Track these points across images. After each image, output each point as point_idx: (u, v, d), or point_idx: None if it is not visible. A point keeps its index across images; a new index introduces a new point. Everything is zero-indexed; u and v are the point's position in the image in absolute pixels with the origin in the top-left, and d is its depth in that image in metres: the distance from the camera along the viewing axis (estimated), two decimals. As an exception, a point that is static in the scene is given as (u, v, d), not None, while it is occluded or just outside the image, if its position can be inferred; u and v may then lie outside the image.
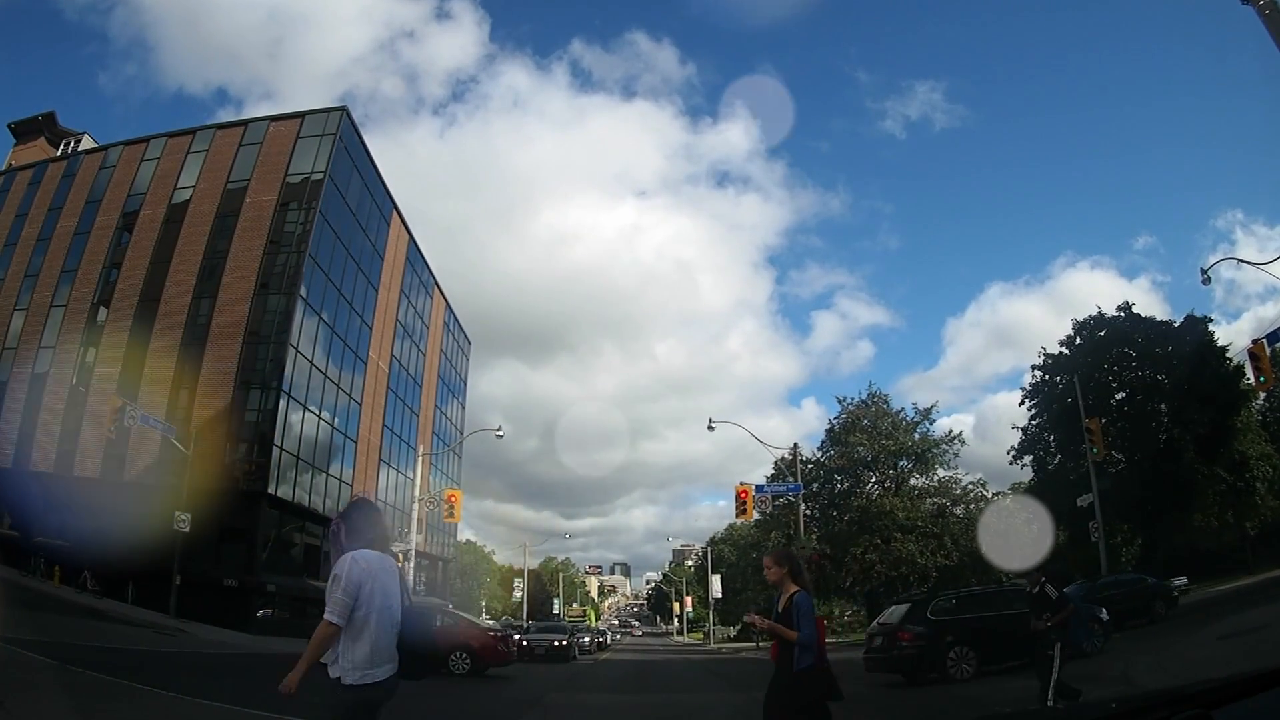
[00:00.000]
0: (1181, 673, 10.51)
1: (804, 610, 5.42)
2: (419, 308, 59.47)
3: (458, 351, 72.35)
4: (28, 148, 51.01)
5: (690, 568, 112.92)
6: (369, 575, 3.92)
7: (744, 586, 67.00)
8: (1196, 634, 15.84)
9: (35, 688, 9.01)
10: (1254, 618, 15.00)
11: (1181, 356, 33.64)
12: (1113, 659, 13.85)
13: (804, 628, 5.35)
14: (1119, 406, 35.70)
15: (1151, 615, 21.09)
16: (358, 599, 3.86)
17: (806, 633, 5.34)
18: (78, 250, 43.05)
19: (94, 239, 42.97)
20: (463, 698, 15.34)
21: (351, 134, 45.80)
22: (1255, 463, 32.92)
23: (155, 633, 23.29)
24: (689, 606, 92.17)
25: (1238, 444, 32.69)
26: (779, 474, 41.47)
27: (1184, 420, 32.71)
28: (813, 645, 5.36)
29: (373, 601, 3.90)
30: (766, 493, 36.30)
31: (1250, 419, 34.56)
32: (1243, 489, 32.69)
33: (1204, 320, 34.78)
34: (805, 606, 5.44)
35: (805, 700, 5.38)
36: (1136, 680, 11.14)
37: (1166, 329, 35.21)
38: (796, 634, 5.34)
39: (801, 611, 5.41)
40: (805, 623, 5.37)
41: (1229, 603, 21.78)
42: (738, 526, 68.70)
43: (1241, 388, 31.82)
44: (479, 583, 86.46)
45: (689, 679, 22.03)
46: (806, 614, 5.41)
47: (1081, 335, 36.72)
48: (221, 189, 42.15)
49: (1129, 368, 35.78)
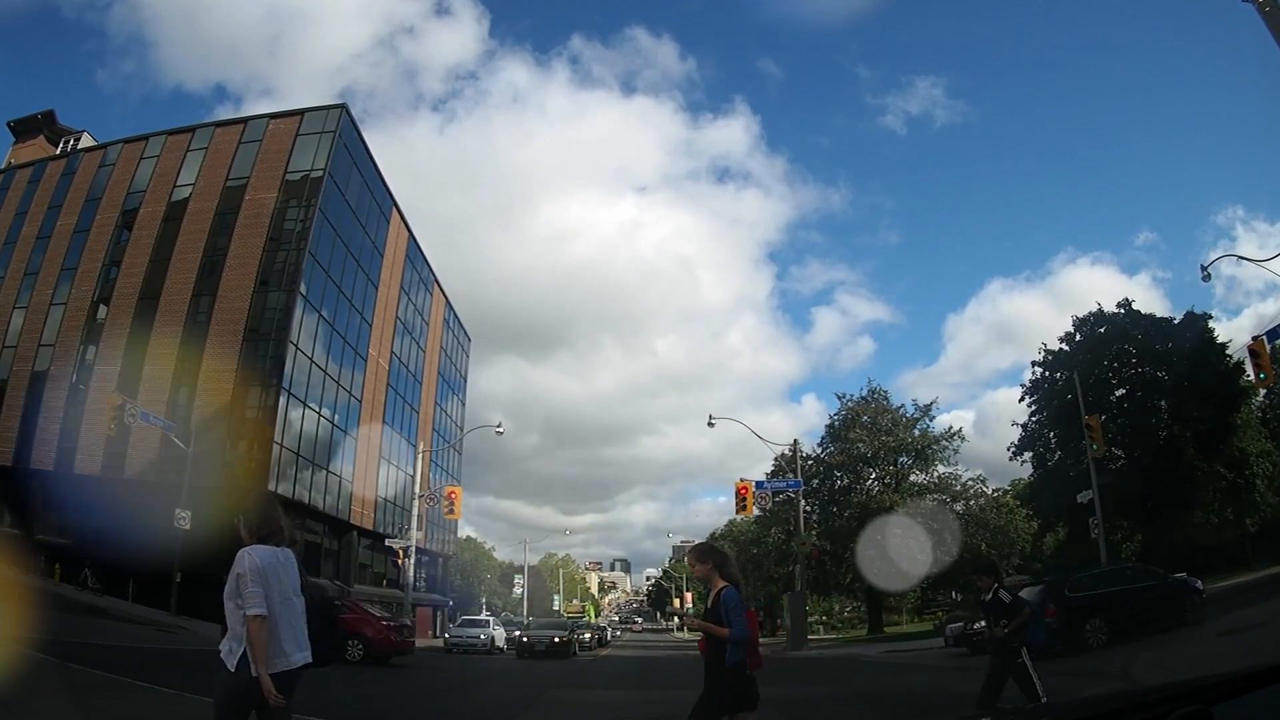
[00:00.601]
0: (1182, 669, 10.51)
1: (732, 605, 5.28)
2: (419, 304, 59.46)
3: (458, 348, 72.35)
4: (27, 146, 50.94)
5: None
6: (266, 568, 4.10)
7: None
8: (1197, 630, 15.85)
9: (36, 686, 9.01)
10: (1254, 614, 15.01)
11: (1181, 353, 33.60)
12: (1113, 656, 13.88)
13: (734, 624, 5.23)
14: (1119, 403, 35.68)
15: (1181, 618, 16.89)
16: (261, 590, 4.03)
17: (738, 629, 5.22)
18: (77, 248, 43.04)
19: (94, 237, 42.96)
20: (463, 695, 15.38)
21: (351, 131, 45.77)
22: (1255, 459, 32.92)
23: (156, 630, 23.30)
24: (689, 603, 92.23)
25: (1238, 441, 32.68)
26: (779, 470, 41.48)
27: (1184, 417, 32.70)
28: (744, 641, 5.26)
29: (271, 594, 4.06)
30: (766, 489, 36.35)
31: (1250, 416, 34.54)
32: (1242, 486, 32.70)
33: (1204, 317, 34.76)
34: (733, 601, 5.31)
35: (736, 695, 5.28)
36: (1137, 676, 11.15)
37: (1166, 325, 35.17)
38: (728, 630, 5.22)
39: (730, 607, 5.28)
40: (735, 618, 5.24)
41: (1229, 599, 21.77)
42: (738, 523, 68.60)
43: (1241, 384, 31.79)
44: (479, 579, 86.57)
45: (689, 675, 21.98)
46: (735, 609, 5.27)
47: (1081, 332, 36.69)
48: (221, 186, 42.13)
49: (1129, 364, 35.75)
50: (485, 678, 20.04)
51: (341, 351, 44.69)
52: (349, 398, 45.72)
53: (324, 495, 42.26)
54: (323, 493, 42.18)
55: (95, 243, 42.79)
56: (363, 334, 47.57)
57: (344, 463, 45.07)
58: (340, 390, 44.51)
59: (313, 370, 40.67)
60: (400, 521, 48.94)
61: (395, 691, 14.71)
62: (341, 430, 44.86)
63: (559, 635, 30.36)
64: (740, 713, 5.35)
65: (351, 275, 45.63)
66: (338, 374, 43.99)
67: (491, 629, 35.36)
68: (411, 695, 14.46)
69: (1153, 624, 15.88)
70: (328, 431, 43.04)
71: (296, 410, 39.28)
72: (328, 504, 42.52)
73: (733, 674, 5.25)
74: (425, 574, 55.31)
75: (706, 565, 5.55)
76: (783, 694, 14.67)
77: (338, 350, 44.15)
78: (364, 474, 47.94)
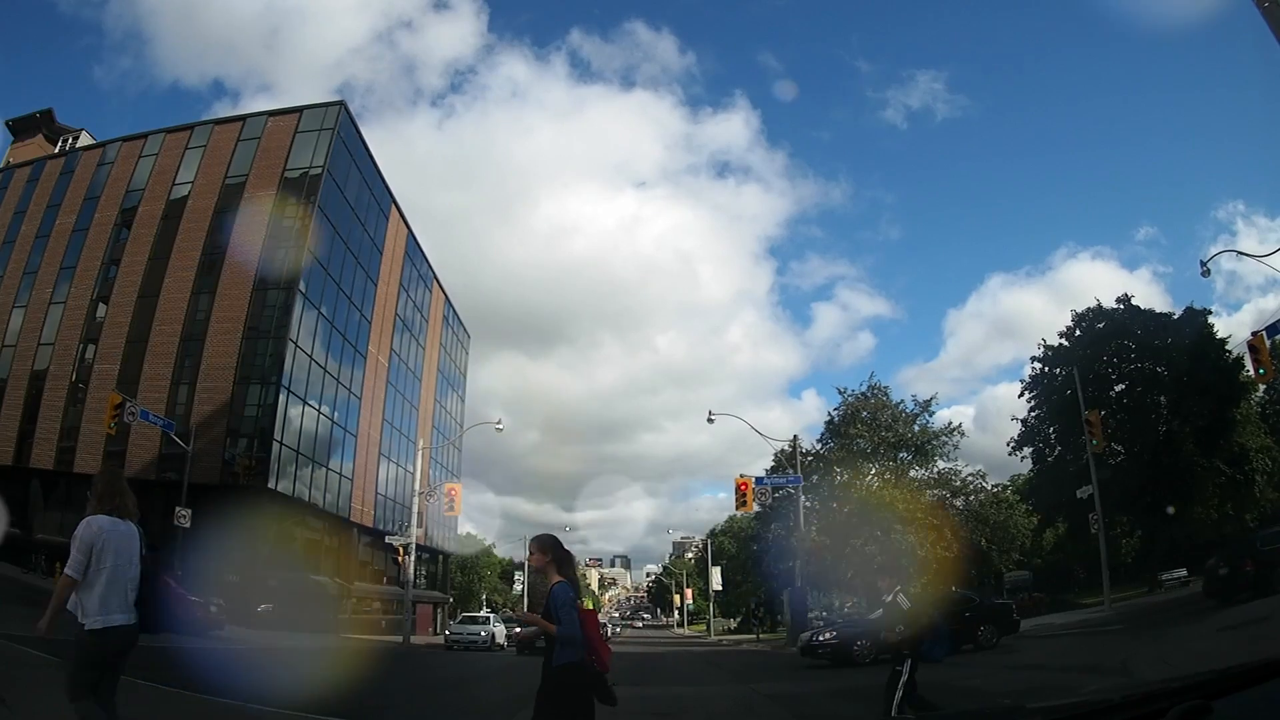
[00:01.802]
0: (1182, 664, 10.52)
1: (561, 601, 5.11)
2: (418, 301, 59.44)
3: (457, 345, 72.34)
4: (26, 145, 50.94)
5: (690, 560, 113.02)
6: (100, 536, 4.65)
7: (744, 579, 67.03)
8: (1197, 625, 15.88)
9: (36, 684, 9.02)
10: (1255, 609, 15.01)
11: (1181, 349, 33.62)
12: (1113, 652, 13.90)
13: (562, 620, 5.05)
14: (1118, 398, 35.71)
15: (978, 642, 18.74)
16: (90, 556, 4.59)
17: (565, 626, 5.04)
18: (76, 247, 43.03)
19: (93, 236, 42.95)
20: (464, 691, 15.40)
21: (350, 128, 45.72)
22: (1255, 455, 32.95)
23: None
24: (689, 599, 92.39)
25: (1237, 436, 32.72)
26: (779, 466, 41.53)
27: (1183, 412, 32.72)
28: (574, 639, 5.07)
29: (104, 560, 4.62)
30: (766, 485, 36.38)
31: (1250, 411, 34.59)
32: (1242, 481, 32.74)
33: (1203, 312, 34.78)
34: (563, 598, 5.14)
35: (567, 696, 5.08)
36: (1137, 672, 11.16)
37: (1166, 321, 35.20)
38: (555, 627, 5.05)
39: (559, 603, 5.11)
40: (564, 615, 5.06)
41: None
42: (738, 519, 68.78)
43: (1241, 380, 31.82)
44: (479, 576, 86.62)
45: (689, 671, 22.06)
46: (565, 605, 5.09)
47: (1081, 327, 36.71)
48: (220, 184, 42.12)
49: (1128, 360, 35.77)
50: (486, 674, 20.07)
51: (341, 349, 44.68)
52: (348, 395, 45.72)
53: (324, 493, 42.28)
54: (323, 490, 42.20)
55: (94, 241, 42.78)
56: (362, 331, 47.56)
57: (344, 460, 45.10)
58: (340, 387, 44.51)
59: (312, 367, 40.66)
60: (400, 519, 48.93)
61: (395, 688, 14.73)
62: (341, 428, 44.88)
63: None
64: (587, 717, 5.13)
65: (351, 272, 45.62)
66: (337, 371, 43.99)
67: (492, 626, 35.42)
68: (412, 691, 14.48)
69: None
70: (327, 429, 43.06)
71: (296, 408, 39.29)
72: (328, 501, 42.57)
73: (564, 674, 5.06)
74: (425, 571, 55.38)
75: (545, 557, 5.39)
76: (783, 689, 14.72)
77: (337, 347, 44.15)
78: (364, 471, 47.96)
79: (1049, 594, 39.04)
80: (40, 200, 45.56)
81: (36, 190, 46.11)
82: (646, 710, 12.77)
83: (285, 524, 38.62)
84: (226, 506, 31.06)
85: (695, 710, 12.92)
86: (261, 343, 38.91)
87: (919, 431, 42.59)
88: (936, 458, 42.66)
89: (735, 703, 13.66)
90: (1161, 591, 31.16)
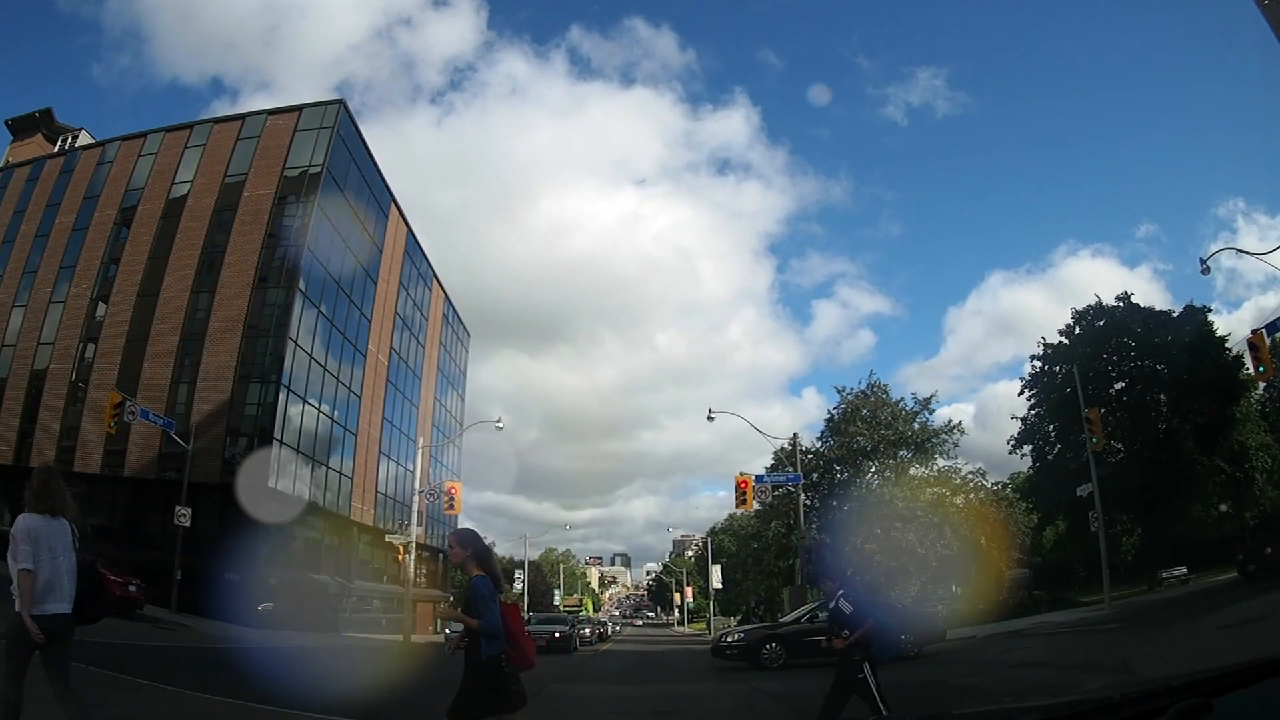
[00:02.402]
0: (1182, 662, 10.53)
1: (481, 595, 5.10)
2: (418, 300, 59.43)
3: (457, 343, 72.34)
4: (25, 144, 50.91)
5: (690, 558, 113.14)
6: (35, 531, 5.01)
7: (744, 577, 67.03)
8: (1198, 623, 15.88)
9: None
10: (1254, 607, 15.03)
11: (1181, 346, 33.64)
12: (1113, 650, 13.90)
13: (483, 614, 5.04)
14: (1118, 396, 35.72)
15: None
16: (33, 547, 4.95)
17: (486, 620, 5.03)
18: (76, 246, 43.01)
19: (92, 235, 42.92)
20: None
21: (349, 126, 45.69)
22: (1254, 453, 32.97)
23: (156, 628, 23.33)
24: (689, 597, 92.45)
25: (1237, 434, 32.73)
26: (779, 464, 41.48)
27: (1183, 410, 32.73)
28: (495, 633, 5.06)
29: (39, 554, 4.98)
30: (766, 483, 36.33)
31: (1249, 409, 34.59)
32: (1242, 479, 32.76)
33: (1203, 310, 34.80)
34: (483, 591, 5.12)
35: (491, 693, 5.07)
36: (1137, 670, 11.16)
37: (1165, 319, 35.22)
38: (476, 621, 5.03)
39: (479, 597, 5.10)
40: (484, 609, 5.05)
41: (1229, 592, 21.83)
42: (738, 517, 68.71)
43: (1241, 378, 31.82)
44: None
45: (689, 670, 22.04)
46: (484, 599, 5.08)
47: (1081, 325, 36.72)
48: (219, 183, 42.09)
49: (1128, 357, 35.78)
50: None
51: (341, 348, 44.68)
52: (348, 394, 45.72)
53: (324, 491, 42.28)
54: (323, 489, 42.20)
55: (94, 240, 42.76)
56: (362, 330, 47.56)
57: (344, 459, 45.11)
58: (340, 386, 44.51)
59: (312, 366, 40.65)
60: (400, 517, 48.90)
61: (395, 685, 14.74)
62: (341, 426, 44.89)
63: (559, 630, 30.40)
64: (505, 714, 5.13)
65: (350, 271, 45.60)
66: (337, 370, 43.98)
67: None
68: (411, 689, 14.48)
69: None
70: (327, 428, 43.05)
71: (296, 406, 39.27)
72: (328, 500, 42.57)
73: (487, 668, 5.04)
74: (425, 570, 55.38)
75: (465, 551, 5.35)
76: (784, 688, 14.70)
77: (337, 346, 44.14)
78: (364, 470, 47.98)
79: (1049, 592, 39.03)
80: (40, 200, 45.54)
81: (36, 190, 46.08)
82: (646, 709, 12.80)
83: (285, 523, 38.66)
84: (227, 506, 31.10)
85: (694, 709, 12.92)
86: (261, 341, 38.89)
87: (919, 429, 42.59)
88: (936, 456, 42.68)
89: (736, 701, 13.66)
90: (1161, 590, 31.20)
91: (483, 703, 5.08)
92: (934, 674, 14.82)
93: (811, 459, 42.66)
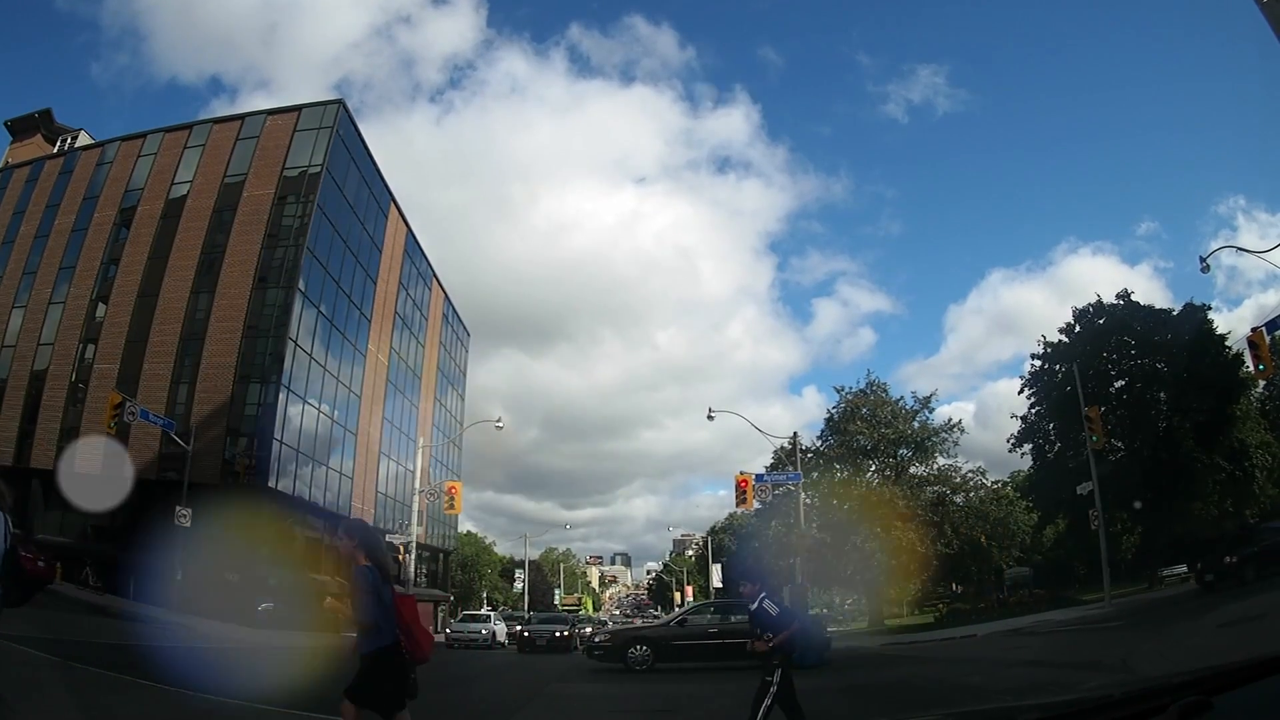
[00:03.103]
0: (1183, 660, 10.53)
1: (361, 586, 4.79)
2: (417, 299, 59.45)
3: (456, 343, 72.36)
4: (24, 145, 50.92)
5: (691, 557, 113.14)
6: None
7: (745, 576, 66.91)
8: (1198, 621, 15.88)
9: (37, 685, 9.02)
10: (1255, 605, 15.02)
11: (1181, 344, 33.61)
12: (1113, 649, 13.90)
13: (360, 607, 4.77)
14: (1118, 394, 35.69)
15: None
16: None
17: (363, 613, 4.77)
18: (76, 247, 43.04)
19: (92, 235, 42.95)
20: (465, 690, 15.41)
21: (348, 126, 45.70)
22: (1254, 451, 32.92)
23: (157, 627, 23.32)
24: (690, 596, 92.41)
25: (1237, 432, 32.69)
26: (779, 463, 41.51)
27: (1183, 408, 32.69)
28: (371, 626, 4.80)
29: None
30: (767, 482, 36.31)
31: (1249, 407, 34.59)
32: (1242, 477, 32.70)
33: (1203, 308, 34.77)
34: (363, 582, 4.81)
35: (373, 684, 4.82)
36: (1137, 668, 11.16)
37: (1165, 317, 35.19)
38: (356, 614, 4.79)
39: (355, 588, 4.82)
40: (362, 600, 4.76)
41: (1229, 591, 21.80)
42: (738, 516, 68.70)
43: (1241, 376, 31.79)
44: (480, 574, 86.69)
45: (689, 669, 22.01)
46: (364, 590, 4.78)
47: (1081, 323, 36.69)
48: (219, 183, 42.11)
49: (1128, 355, 35.74)
50: (486, 672, 20.09)
51: (340, 347, 44.70)
52: (348, 393, 45.74)
53: (324, 491, 42.30)
54: (323, 489, 42.22)
55: (93, 241, 42.78)
56: (361, 330, 47.57)
57: (344, 459, 45.14)
58: (340, 386, 44.53)
59: (312, 366, 40.67)
60: (400, 517, 48.95)
61: None
62: (341, 426, 44.90)
63: (560, 630, 30.41)
64: (395, 712, 4.87)
65: (350, 271, 45.61)
66: (337, 370, 44.00)
67: (493, 624, 35.45)
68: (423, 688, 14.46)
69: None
70: (327, 427, 43.08)
71: (296, 406, 39.30)
72: (328, 500, 42.58)
73: (367, 662, 4.82)
74: (426, 569, 55.39)
75: (353, 541, 5.07)
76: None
77: (337, 346, 44.17)
78: (364, 470, 47.99)
79: (1049, 590, 39.06)
80: (39, 200, 45.56)
81: (35, 190, 46.11)
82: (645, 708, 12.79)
83: (285, 523, 38.68)
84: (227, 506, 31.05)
85: (693, 708, 12.91)
86: (261, 341, 38.91)
87: (919, 428, 42.66)
88: (936, 454, 42.74)
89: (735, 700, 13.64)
90: (1162, 588, 31.17)
91: (375, 695, 4.87)
92: (933, 674, 14.82)
93: (812, 458, 42.70)
